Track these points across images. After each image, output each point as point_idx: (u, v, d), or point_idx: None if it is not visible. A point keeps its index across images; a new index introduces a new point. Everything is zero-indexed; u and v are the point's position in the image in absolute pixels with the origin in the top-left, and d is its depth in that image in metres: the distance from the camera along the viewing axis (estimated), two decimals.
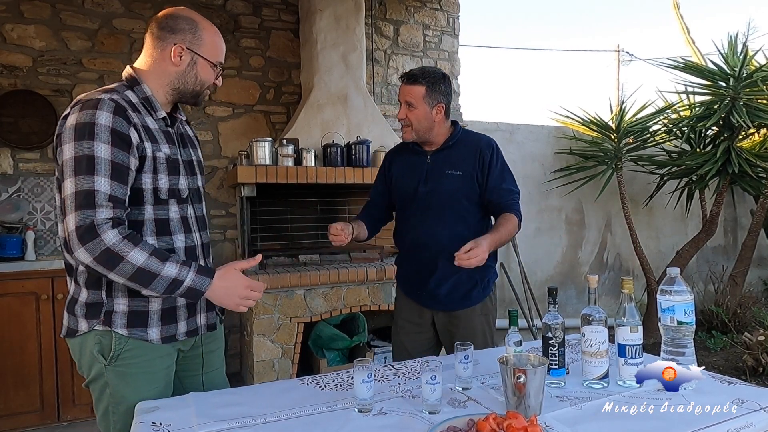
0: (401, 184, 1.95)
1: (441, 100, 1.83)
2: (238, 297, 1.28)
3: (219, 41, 1.40)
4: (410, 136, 1.86)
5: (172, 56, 1.32)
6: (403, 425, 1.12)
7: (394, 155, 2.04)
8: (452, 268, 1.84)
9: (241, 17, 3.73)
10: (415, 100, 1.80)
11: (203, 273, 1.25)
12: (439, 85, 1.82)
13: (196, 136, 1.57)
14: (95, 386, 1.31)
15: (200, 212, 1.46)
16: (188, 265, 1.23)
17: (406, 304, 2.01)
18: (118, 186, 1.19)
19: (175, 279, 1.20)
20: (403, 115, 1.83)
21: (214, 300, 1.28)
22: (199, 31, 1.35)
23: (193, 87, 1.38)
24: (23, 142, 3.16)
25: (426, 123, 1.83)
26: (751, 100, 3.92)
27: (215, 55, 1.39)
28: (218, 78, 1.43)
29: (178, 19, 1.34)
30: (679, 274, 1.36)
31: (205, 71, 1.38)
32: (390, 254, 3.70)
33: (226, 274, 1.28)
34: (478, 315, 1.89)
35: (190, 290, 1.23)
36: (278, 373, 3.06)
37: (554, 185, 4.72)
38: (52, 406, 2.83)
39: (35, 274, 2.81)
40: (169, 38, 1.32)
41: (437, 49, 4.35)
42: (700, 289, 4.93)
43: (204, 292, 1.24)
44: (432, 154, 1.89)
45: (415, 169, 1.91)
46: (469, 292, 1.88)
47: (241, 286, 1.29)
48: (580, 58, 36.50)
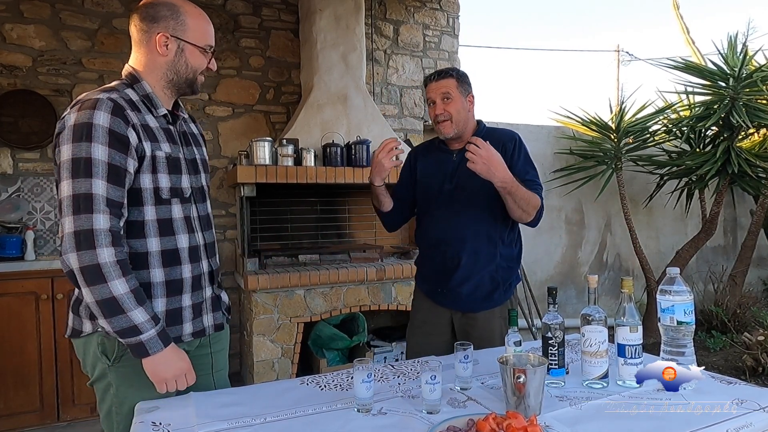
0: (426, 182, 1.94)
1: (470, 91, 1.86)
2: (171, 375, 1.23)
3: (204, 23, 1.34)
4: (451, 130, 1.83)
5: (158, 46, 1.29)
6: (403, 425, 1.12)
7: (421, 153, 2.02)
8: (475, 267, 1.84)
9: (241, 17, 3.73)
10: (451, 91, 1.80)
11: (162, 338, 1.21)
12: (464, 77, 1.85)
13: (202, 134, 1.54)
14: (99, 386, 1.31)
15: (204, 211, 1.43)
16: (156, 321, 1.20)
17: (424, 304, 1.98)
18: (115, 189, 1.18)
19: (135, 326, 1.17)
20: (441, 109, 1.81)
21: (150, 366, 1.21)
22: (181, 16, 1.29)
23: (185, 75, 1.34)
24: (23, 142, 3.16)
25: (464, 113, 1.83)
26: (750, 100, 3.92)
27: (202, 39, 1.33)
28: (211, 61, 1.37)
29: (158, 6, 1.28)
30: (678, 274, 1.36)
31: (194, 57, 1.33)
32: (390, 254, 3.71)
33: (181, 354, 1.25)
34: (497, 318, 1.87)
35: (138, 345, 1.18)
36: (278, 373, 3.06)
37: (554, 185, 4.72)
38: (51, 406, 2.82)
39: (35, 274, 2.81)
40: (152, 28, 1.28)
41: (437, 49, 4.35)
42: (699, 289, 4.93)
43: (149, 355, 1.19)
44: (458, 152, 1.88)
45: (442, 167, 1.90)
46: (491, 293, 1.86)
47: (181, 369, 1.24)
48: (580, 58, 36.52)
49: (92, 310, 1.20)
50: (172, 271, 1.31)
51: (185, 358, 1.26)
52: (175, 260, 1.32)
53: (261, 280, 2.98)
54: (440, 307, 1.93)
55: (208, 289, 1.42)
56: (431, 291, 1.95)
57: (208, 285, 1.42)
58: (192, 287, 1.35)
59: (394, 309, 3.38)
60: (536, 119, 8.84)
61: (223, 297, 1.50)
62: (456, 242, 1.84)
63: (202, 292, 1.39)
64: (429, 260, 1.97)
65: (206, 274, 1.41)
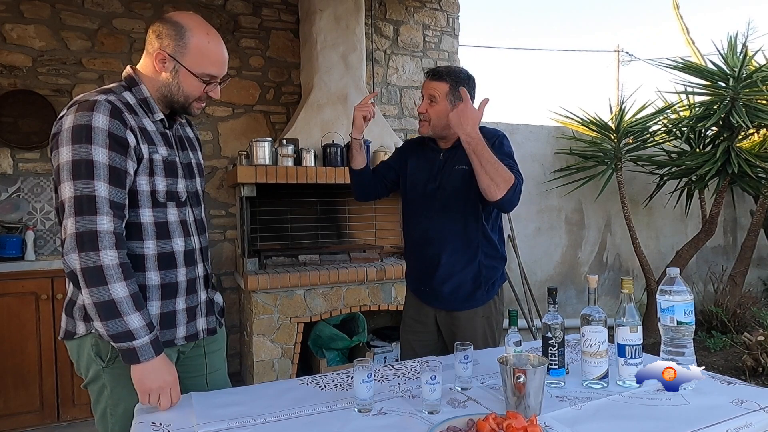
0: (413, 179, 1.95)
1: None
2: (156, 386, 1.20)
3: (209, 52, 1.28)
4: (427, 131, 1.86)
5: (156, 63, 1.28)
6: (403, 425, 1.12)
7: (412, 148, 2.03)
8: (456, 267, 1.85)
9: (240, 17, 3.73)
10: (438, 95, 1.81)
11: (155, 346, 1.20)
12: (463, 83, 1.82)
13: (198, 138, 1.54)
14: (93, 388, 1.31)
15: (199, 215, 1.44)
16: (151, 329, 1.20)
17: (412, 301, 2.02)
18: (116, 191, 1.19)
19: (129, 331, 1.16)
20: (424, 109, 1.84)
21: (138, 373, 1.19)
22: (185, 39, 1.26)
23: (177, 97, 1.31)
24: (23, 142, 3.16)
25: (444, 120, 1.81)
26: (750, 101, 3.92)
27: (201, 66, 1.28)
28: (212, 90, 1.33)
29: (168, 23, 1.27)
30: (678, 274, 1.36)
31: (188, 83, 1.29)
32: (390, 254, 3.70)
33: (170, 366, 1.24)
34: (479, 317, 1.88)
35: (130, 350, 1.17)
36: (278, 373, 3.06)
37: (554, 185, 4.72)
38: (51, 406, 2.83)
39: (35, 274, 2.81)
40: (156, 43, 1.28)
41: (437, 49, 4.35)
42: (699, 289, 4.93)
43: (139, 362, 1.18)
44: (445, 151, 1.90)
45: (428, 165, 1.92)
46: (472, 293, 1.87)
47: (167, 383, 1.21)
48: (580, 58, 36.53)
49: (88, 312, 1.19)
50: (167, 274, 1.31)
51: (173, 372, 1.24)
52: (171, 263, 1.32)
53: (261, 280, 2.98)
54: (426, 306, 1.95)
55: (203, 293, 1.42)
56: (417, 289, 1.98)
57: (202, 289, 1.42)
58: (187, 291, 1.35)
59: (394, 309, 3.38)
60: (536, 119, 8.85)
61: (216, 299, 1.50)
62: (437, 242, 1.85)
63: (196, 296, 1.39)
64: (413, 258, 2.00)
65: (201, 278, 1.41)
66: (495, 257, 1.91)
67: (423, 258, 1.91)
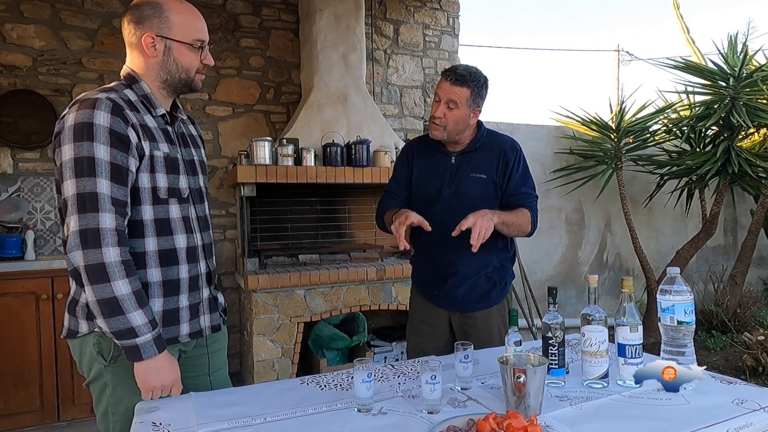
0: (424, 184, 1.90)
1: (480, 105, 1.81)
2: (159, 383, 1.22)
3: (190, 18, 1.30)
4: (441, 135, 1.80)
5: (146, 48, 1.27)
6: (403, 425, 1.12)
7: (417, 150, 1.96)
8: (471, 270, 1.84)
9: (240, 17, 3.73)
10: (459, 101, 1.75)
11: (158, 343, 1.21)
12: (482, 89, 1.79)
13: (201, 135, 1.54)
14: (95, 386, 1.31)
15: (202, 212, 1.43)
16: (153, 326, 1.20)
17: (422, 305, 1.97)
18: (118, 188, 1.19)
19: (132, 328, 1.17)
20: (441, 113, 1.76)
21: (141, 370, 1.21)
22: (164, 13, 1.26)
23: (178, 75, 1.31)
24: (23, 142, 3.16)
25: (462, 125, 1.79)
26: (751, 100, 3.92)
27: (189, 34, 1.29)
28: (205, 56, 1.33)
29: (143, 6, 1.26)
30: (679, 274, 1.35)
31: (183, 55, 1.30)
32: (390, 254, 3.70)
33: (173, 363, 1.25)
34: (495, 316, 1.87)
35: (133, 348, 1.18)
36: (278, 372, 3.06)
37: (554, 185, 4.72)
38: (51, 405, 2.83)
39: (35, 273, 2.81)
40: (139, 29, 1.26)
41: (437, 48, 4.35)
42: (700, 288, 4.93)
43: (142, 359, 1.19)
44: (457, 155, 1.85)
45: (439, 169, 1.86)
46: (487, 293, 1.86)
47: (170, 380, 1.24)
48: (580, 57, 36.53)
49: (91, 309, 1.20)
50: (169, 271, 1.31)
51: (176, 369, 1.25)
52: (173, 260, 1.31)
53: (261, 280, 2.98)
54: (438, 308, 1.92)
55: (206, 290, 1.42)
56: (428, 293, 1.95)
57: (205, 286, 1.42)
58: (189, 288, 1.35)
59: (394, 309, 3.38)
60: (536, 119, 8.84)
61: (219, 298, 1.50)
62: (453, 249, 1.82)
63: (199, 293, 1.39)
64: (425, 264, 1.95)
65: (204, 275, 1.41)
66: (506, 258, 1.91)
67: (438, 264, 1.87)
